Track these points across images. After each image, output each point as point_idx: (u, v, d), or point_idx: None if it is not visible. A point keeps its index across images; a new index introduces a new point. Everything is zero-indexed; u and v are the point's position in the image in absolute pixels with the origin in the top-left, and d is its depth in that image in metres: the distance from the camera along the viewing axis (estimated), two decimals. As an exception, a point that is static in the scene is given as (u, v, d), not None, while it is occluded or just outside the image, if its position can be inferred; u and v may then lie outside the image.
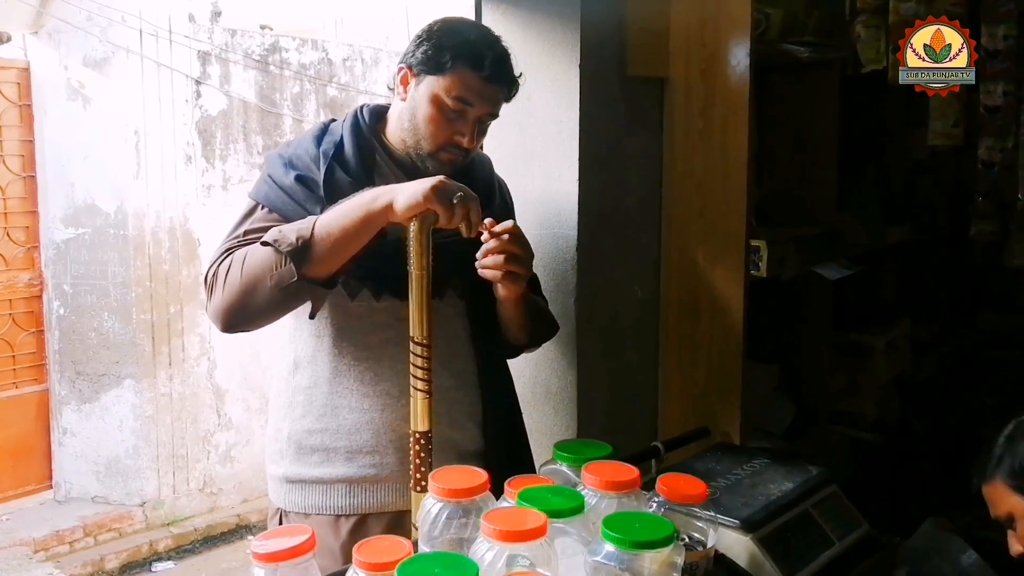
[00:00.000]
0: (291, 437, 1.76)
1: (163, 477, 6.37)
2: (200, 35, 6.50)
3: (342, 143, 1.72)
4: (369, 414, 1.72)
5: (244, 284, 1.57)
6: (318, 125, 1.80)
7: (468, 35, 1.71)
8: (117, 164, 6.06)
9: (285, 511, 1.78)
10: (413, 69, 1.70)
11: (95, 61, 6.09)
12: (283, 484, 1.78)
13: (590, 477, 1.36)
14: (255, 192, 1.73)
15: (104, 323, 6.21)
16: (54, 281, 6.23)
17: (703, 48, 2.18)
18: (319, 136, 1.75)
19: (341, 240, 1.55)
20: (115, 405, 6.26)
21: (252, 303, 1.59)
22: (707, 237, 2.22)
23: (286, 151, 1.75)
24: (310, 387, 1.74)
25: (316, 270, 1.57)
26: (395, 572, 1.05)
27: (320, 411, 1.73)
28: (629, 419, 1.88)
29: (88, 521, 6.05)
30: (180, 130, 6.31)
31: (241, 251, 1.61)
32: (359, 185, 1.64)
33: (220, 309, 1.61)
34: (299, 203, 1.66)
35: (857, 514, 1.74)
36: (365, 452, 1.72)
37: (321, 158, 1.69)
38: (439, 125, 1.69)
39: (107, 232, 6.14)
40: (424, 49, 1.68)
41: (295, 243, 1.54)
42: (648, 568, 1.17)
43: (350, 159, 1.71)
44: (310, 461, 1.74)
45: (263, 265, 1.56)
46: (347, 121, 1.78)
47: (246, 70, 6.76)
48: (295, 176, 1.68)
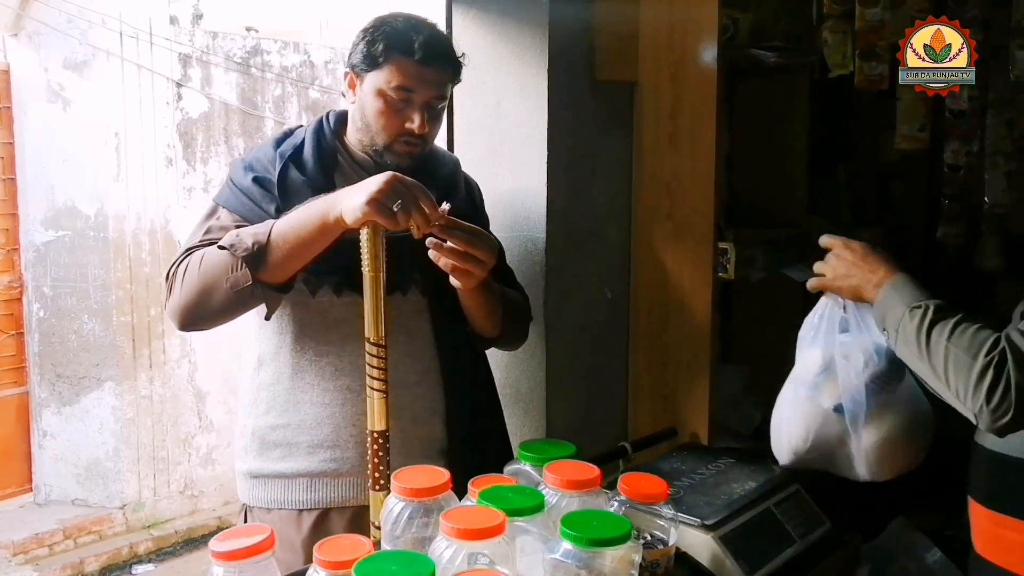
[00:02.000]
0: (255, 433, 1.78)
1: (144, 479, 6.36)
2: (181, 37, 6.49)
3: (302, 145, 1.77)
4: (330, 408, 1.74)
5: (200, 285, 1.60)
6: (283, 129, 1.86)
7: (396, 25, 1.72)
8: (97, 166, 6.06)
9: (249, 506, 1.81)
10: (356, 70, 1.74)
11: (75, 63, 6.08)
12: (247, 479, 1.80)
13: (551, 476, 1.38)
14: (217, 195, 1.77)
15: (84, 325, 6.20)
16: (34, 283, 6.22)
17: (672, 52, 2.20)
18: (280, 139, 1.80)
19: (296, 247, 1.57)
20: (95, 408, 6.25)
21: (208, 304, 1.62)
22: (676, 239, 2.24)
23: (248, 155, 1.80)
24: (273, 383, 1.77)
25: (271, 275, 1.59)
26: (352, 571, 1.07)
27: (283, 407, 1.75)
28: (599, 420, 1.90)
29: (68, 524, 6.03)
30: (161, 132, 6.31)
31: (199, 252, 1.63)
32: (313, 184, 1.69)
33: (177, 308, 1.65)
34: (256, 203, 1.70)
35: (819, 512, 1.76)
36: (326, 447, 1.74)
37: (278, 159, 1.73)
38: (388, 117, 1.71)
39: (87, 234, 6.13)
40: (361, 48, 1.72)
41: (251, 248, 1.56)
42: (606, 566, 1.19)
43: (308, 160, 1.75)
44: (272, 456, 1.76)
45: (219, 268, 1.58)
46: (312, 125, 1.82)
47: (227, 72, 6.76)
48: (252, 177, 1.72)
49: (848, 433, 1.72)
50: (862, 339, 1.70)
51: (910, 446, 1.70)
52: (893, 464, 1.69)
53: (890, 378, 1.67)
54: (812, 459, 1.78)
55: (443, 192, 1.76)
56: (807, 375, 1.75)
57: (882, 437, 1.68)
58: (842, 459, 1.75)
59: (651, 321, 2.30)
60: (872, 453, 1.69)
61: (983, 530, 1.64)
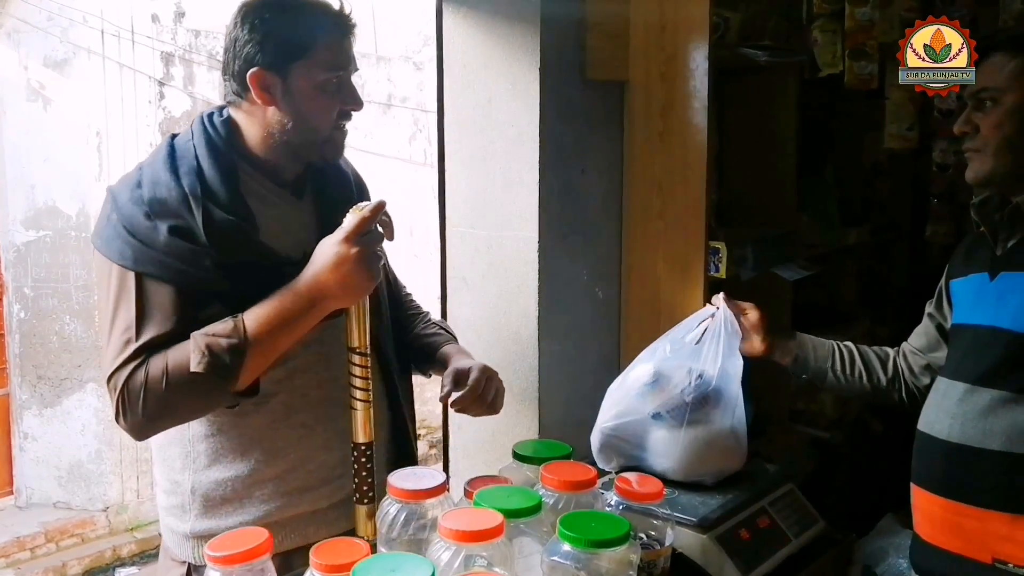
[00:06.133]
0: (195, 491, 1.57)
1: (126, 482, 6.32)
2: (163, 36, 6.45)
3: (201, 170, 1.50)
4: (284, 450, 1.57)
5: (169, 403, 1.44)
6: (163, 149, 1.54)
7: (300, 9, 1.54)
8: (79, 166, 6.02)
9: (195, 565, 1.59)
10: (269, 68, 1.50)
11: (56, 62, 6.03)
12: (189, 540, 1.59)
13: (548, 477, 1.38)
14: (119, 253, 1.46)
15: (66, 326, 6.15)
16: (14, 284, 6.17)
17: (662, 51, 2.20)
18: (171, 164, 1.51)
19: (275, 352, 1.46)
20: (77, 409, 6.20)
21: (174, 418, 1.50)
22: (667, 238, 2.24)
23: (139, 192, 1.48)
24: (211, 435, 1.56)
25: (246, 382, 1.46)
26: (351, 573, 1.06)
27: (229, 457, 1.56)
28: (591, 419, 1.89)
29: (50, 527, 5.99)
30: (143, 131, 6.27)
31: (157, 365, 1.42)
32: (238, 221, 1.48)
33: (140, 425, 1.46)
34: (187, 264, 1.45)
35: (813, 512, 1.77)
36: (283, 492, 1.57)
37: (190, 199, 1.46)
38: (328, 103, 1.55)
39: (68, 234, 6.09)
40: (271, 43, 1.50)
41: (229, 366, 1.41)
42: (604, 566, 1.19)
43: (216, 188, 1.49)
44: (220, 512, 1.57)
45: (194, 388, 1.42)
46: (196, 137, 1.54)
47: (210, 71, 6.72)
48: (168, 228, 1.44)
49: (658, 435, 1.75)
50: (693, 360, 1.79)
51: (714, 456, 1.74)
52: (700, 467, 1.72)
53: (707, 400, 1.75)
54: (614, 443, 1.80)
55: (361, 198, 1.68)
56: (636, 383, 1.79)
57: (692, 445, 1.72)
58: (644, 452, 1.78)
59: (642, 320, 2.30)
60: (683, 455, 1.72)
61: (931, 516, 1.66)
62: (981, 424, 1.57)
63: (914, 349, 1.88)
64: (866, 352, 1.92)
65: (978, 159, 1.63)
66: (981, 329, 1.62)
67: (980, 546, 1.57)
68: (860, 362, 1.89)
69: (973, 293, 1.67)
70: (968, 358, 1.63)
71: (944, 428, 1.63)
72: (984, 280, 1.65)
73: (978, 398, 1.58)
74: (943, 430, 1.63)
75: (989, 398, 1.56)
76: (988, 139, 1.61)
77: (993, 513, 1.55)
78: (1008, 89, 1.58)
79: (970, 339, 1.65)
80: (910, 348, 1.90)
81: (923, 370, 1.85)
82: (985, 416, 1.56)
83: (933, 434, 1.65)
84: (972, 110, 1.64)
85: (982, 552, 1.56)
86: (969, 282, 1.69)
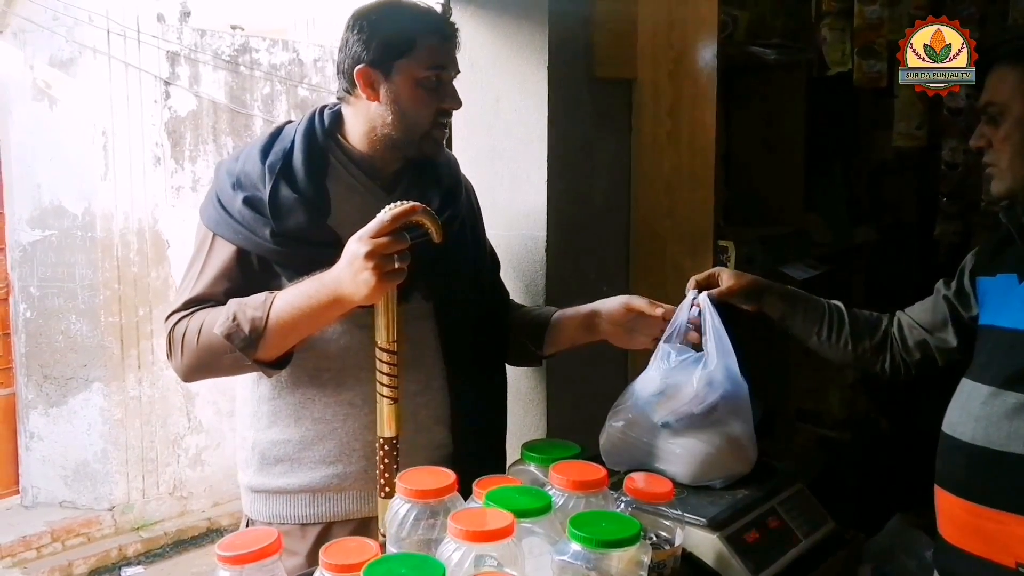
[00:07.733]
0: (255, 447, 1.74)
1: (132, 481, 6.32)
2: (169, 35, 6.45)
3: (291, 151, 1.67)
4: (332, 424, 1.69)
5: (200, 358, 1.61)
6: (272, 129, 1.74)
7: (404, 12, 1.69)
8: (84, 165, 6.02)
9: (251, 520, 1.77)
10: (375, 65, 1.64)
11: (61, 61, 6.03)
12: (249, 493, 1.76)
13: (558, 477, 1.37)
14: (207, 217, 1.69)
15: (72, 326, 6.15)
16: (20, 284, 6.17)
17: (671, 50, 2.19)
18: (267, 145, 1.69)
19: (296, 334, 1.58)
20: (83, 409, 6.20)
21: (210, 372, 1.65)
22: (675, 237, 2.23)
23: (234, 166, 1.69)
24: (273, 397, 1.72)
25: (269, 354, 1.59)
26: (361, 573, 1.05)
27: (285, 422, 1.71)
28: (599, 419, 1.88)
29: (56, 526, 5.99)
30: (149, 131, 6.27)
31: (197, 320, 1.60)
32: (305, 200, 1.63)
33: (181, 371, 1.66)
34: (250, 230, 1.63)
35: (823, 511, 1.76)
36: (329, 462, 1.70)
37: (267, 174, 1.64)
38: (427, 99, 1.66)
39: (74, 234, 6.09)
40: (376, 42, 1.64)
41: (248, 335, 1.54)
42: (614, 567, 1.18)
43: (298, 169, 1.66)
44: (274, 471, 1.72)
45: (217, 348, 1.57)
46: (302, 124, 1.72)
47: (216, 71, 6.72)
48: (243, 199, 1.63)
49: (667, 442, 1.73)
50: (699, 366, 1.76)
51: (724, 461, 1.72)
52: (711, 472, 1.70)
53: (716, 407, 1.73)
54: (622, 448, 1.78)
55: (448, 196, 1.75)
56: (644, 392, 1.77)
57: (701, 450, 1.70)
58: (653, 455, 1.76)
59: (650, 320, 2.29)
60: (693, 462, 1.70)
61: (955, 519, 1.65)
62: (1005, 427, 1.55)
63: (914, 322, 1.83)
64: (857, 318, 1.87)
65: (998, 174, 1.63)
66: (1007, 332, 1.60)
67: (1003, 550, 1.55)
68: (848, 328, 1.86)
69: (1000, 294, 1.66)
70: (993, 361, 1.62)
71: (968, 431, 1.61)
72: (1012, 282, 1.63)
73: (1003, 401, 1.56)
74: (967, 432, 1.61)
75: (1014, 401, 1.55)
76: (1000, 153, 1.60)
77: (1017, 517, 1.53)
78: (1013, 101, 1.57)
79: (995, 342, 1.63)
80: (909, 321, 1.85)
81: (917, 345, 1.81)
82: (1010, 419, 1.55)
83: (956, 436, 1.64)
84: (984, 124, 1.63)
85: (1005, 556, 1.54)
86: (996, 282, 1.68)
